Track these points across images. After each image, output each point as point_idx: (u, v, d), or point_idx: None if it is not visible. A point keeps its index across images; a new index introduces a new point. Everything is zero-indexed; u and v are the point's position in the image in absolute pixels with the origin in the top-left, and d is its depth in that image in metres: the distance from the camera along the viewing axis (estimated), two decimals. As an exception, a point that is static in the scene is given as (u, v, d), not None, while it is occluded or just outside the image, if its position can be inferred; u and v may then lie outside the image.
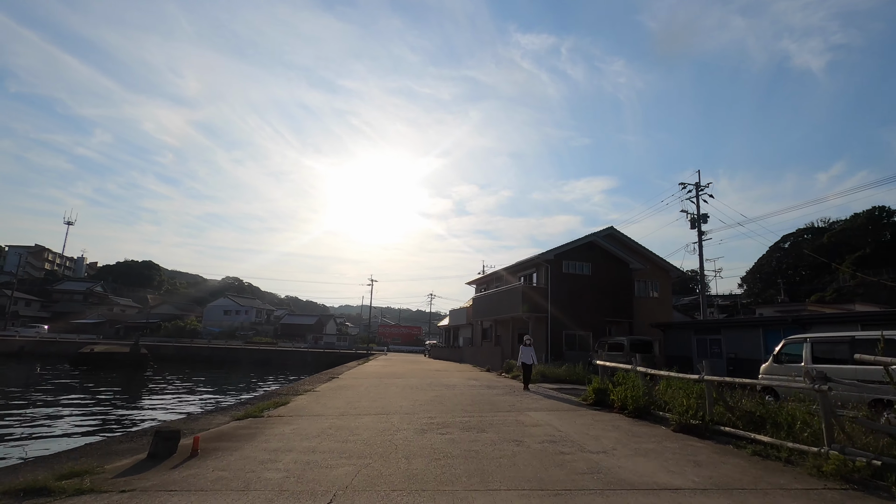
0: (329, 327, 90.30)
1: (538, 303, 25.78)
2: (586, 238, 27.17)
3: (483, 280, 35.40)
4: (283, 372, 47.74)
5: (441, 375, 20.47)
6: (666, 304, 29.33)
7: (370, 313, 70.30)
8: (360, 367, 26.87)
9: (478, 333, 35.81)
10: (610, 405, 9.80)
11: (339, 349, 64.58)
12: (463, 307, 40.27)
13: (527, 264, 28.09)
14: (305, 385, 14.77)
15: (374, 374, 20.37)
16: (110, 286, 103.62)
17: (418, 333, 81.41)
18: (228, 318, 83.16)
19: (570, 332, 26.09)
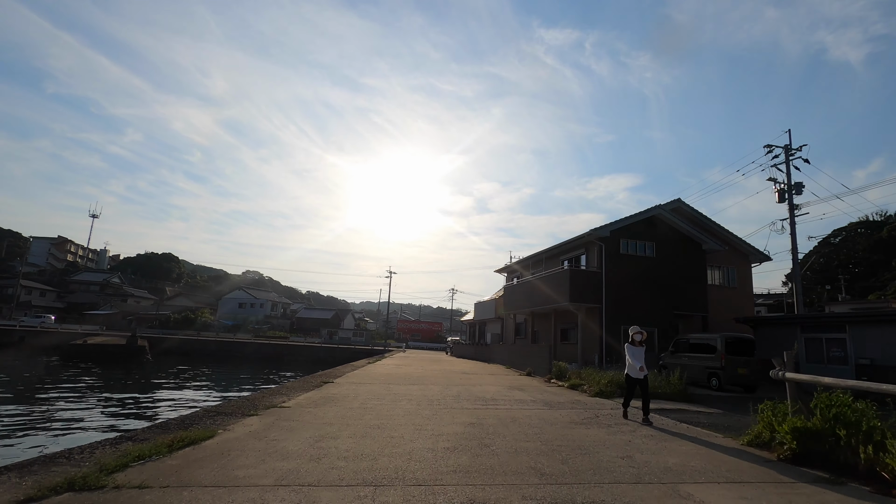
0: (347, 322, 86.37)
1: (589, 291, 20.55)
2: (649, 211, 21.77)
3: (516, 267, 30.24)
4: (292, 368, 43.79)
5: (470, 381, 15.55)
6: (746, 295, 23.67)
7: (388, 307, 65.82)
8: (370, 366, 22.13)
9: (509, 329, 30.67)
10: (837, 463, 4.71)
11: (355, 345, 60.31)
12: (490, 299, 35.20)
13: (574, 244, 22.84)
14: (278, 395, 10.06)
15: (383, 378, 15.57)
16: (128, 278, 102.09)
17: (439, 330, 76.60)
18: (243, 311, 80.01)
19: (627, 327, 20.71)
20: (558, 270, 21.87)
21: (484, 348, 32.26)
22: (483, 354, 31.89)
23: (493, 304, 33.24)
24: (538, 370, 17.96)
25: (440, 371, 19.97)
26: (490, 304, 34.31)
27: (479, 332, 37.57)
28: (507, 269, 32.08)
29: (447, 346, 46.52)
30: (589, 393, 11.90)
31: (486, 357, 31.02)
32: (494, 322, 33.79)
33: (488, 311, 34.41)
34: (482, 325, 37.03)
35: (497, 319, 33.10)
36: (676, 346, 17.26)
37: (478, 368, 22.88)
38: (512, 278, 31.26)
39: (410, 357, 34.15)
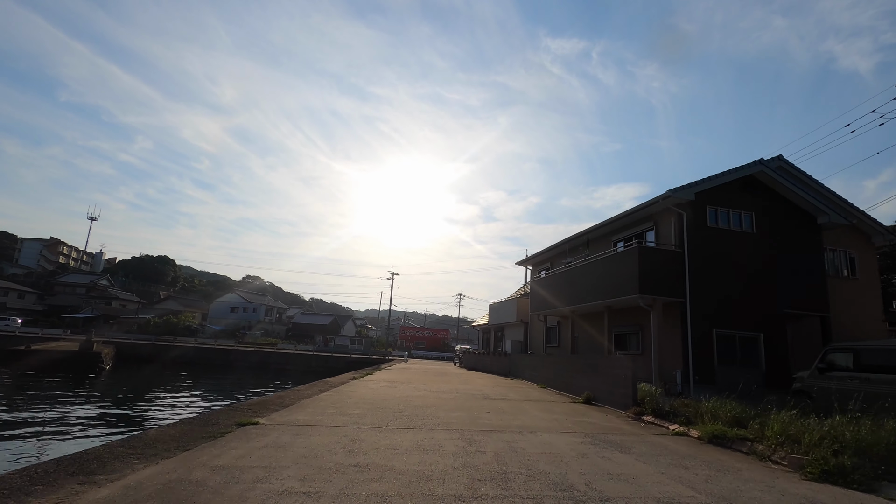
0: (347, 329, 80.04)
1: (667, 278, 14.18)
2: (745, 168, 15.40)
3: (546, 256, 23.81)
4: (280, 378, 37.74)
5: (507, 415, 9.24)
6: (871, 289, 17.07)
7: (389, 311, 59.46)
8: (354, 383, 15.90)
9: (537, 335, 24.18)
10: None
11: (352, 353, 53.92)
12: (510, 299, 28.77)
13: (637, 216, 16.43)
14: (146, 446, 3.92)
15: (358, 409, 9.26)
16: (119, 281, 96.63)
17: (445, 337, 70.00)
18: (235, 316, 73.96)
19: (724, 332, 14.34)
20: (620, 252, 15.39)
21: (502, 359, 25.76)
22: (501, 366, 25.39)
23: (514, 306, 26.82)
24: (603, 395, 11.50)
25: (451, 393, 13.55)
26: (509, 306, 27.87)
27: (494, 339, 31.11)
28: (533, 261, 25.64)
29: (455, 355, 39.94)
30: (790, 466, 5.43)
31: (505, 370, 24.54)
32: (515, 327, 27.32)
33: (507, 314, 27.96)
34: (499, 331, 30.57)
35: (519, 324, 26.65)
36: (829, 363, 10.74)
37: (504, 389, 16.44)
38: (538, 272, 24.83)
39: (412, 369, 27.73)
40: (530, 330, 24.95)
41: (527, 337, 25.92)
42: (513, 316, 26.73)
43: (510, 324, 27.68)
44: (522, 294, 27.37)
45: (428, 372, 25.11)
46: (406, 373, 23.16)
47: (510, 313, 27.23)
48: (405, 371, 24.83)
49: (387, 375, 20.38)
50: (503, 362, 25.57)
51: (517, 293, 29.27)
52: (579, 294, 17.48)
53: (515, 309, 26.46)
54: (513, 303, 27.18)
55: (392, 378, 18.85)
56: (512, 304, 27.28)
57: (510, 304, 27.64)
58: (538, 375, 18.72)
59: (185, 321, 57.66)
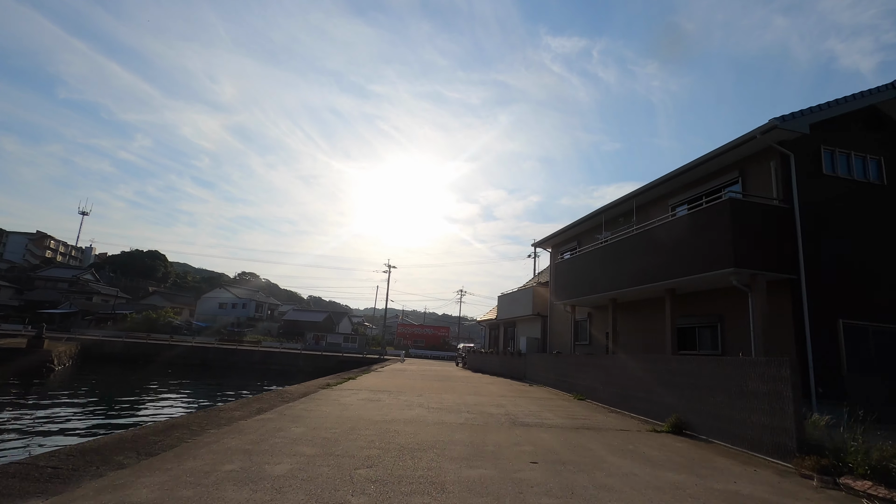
0: (343, 326, 75.65)
1: (771, 246, 9.73)
2: (871, 96, 10.98)
3: (573, 232, 19.30)
4: (263, 379, 33.56)
5: (559, 453, 5.02)
6: None
7: (386, 307, 55.07)
8: (329, 391, 11.69)
9: (561, 330, 19.76)
10: None
11: (345, 352, 49.57)
12: (524, 287, 24.36)
13: (715, 164, 11.91)
14: None
15: (315, 443, 5.05)
16: (105, 276, 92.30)
17: (446, 335, 65.57)
18: (223, 312, 69.59)
19: (855, 325, 9.88)
20: (699, 210, 10.86)
21: (515, 359, 21.40)
22: (514, 368, 21.04)
23: (529, 296, 22.40)
24: (706, 422, 7.08)
25: (459, 413, 9.12)
26: (523, 296, 23.45)
27: (504, 336, 26.69)
28: (554, 240, 21.09)
29: (458, 354, 35.52)
30: None
31: (519, 372, 20.18)
32: (531, 321, 22.93)
33: (520, 306, 23.55)
34: (509, 327, 26.16)
35: (535, 318, 22.25)
36: None
37: (530, 402, 12.09)
38: (559, 254, 20.40)
39: (407, 371, 23.35)
40: (551, 324, 20.54)
41: (546, 333, 21.52)
42: (528, 308, 22.31)
43: (524, 318, 23.27)
44: (537, 282, 23.03)
45: (426, 375, 20.74)
46: (399, 377, 18.77)
47: (524, 305, 22.82)
48: (399, 374, 20.45)
49: (374, 381, 15.99)
50: (516, 363, 21.19)
51: (533, 281, 24.89)
52: (625, 275, 13.07)
53: (531, 299, 22.04)
54: (528, 292, 22.76)
55: (380, 385, 14.47)
56: (526, 293, 22.86)
57: (524, 294, 23.22)
58: (567, 381, 14.33)
59: (166, 317, 53.21)
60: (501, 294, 26.73)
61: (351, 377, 16.90)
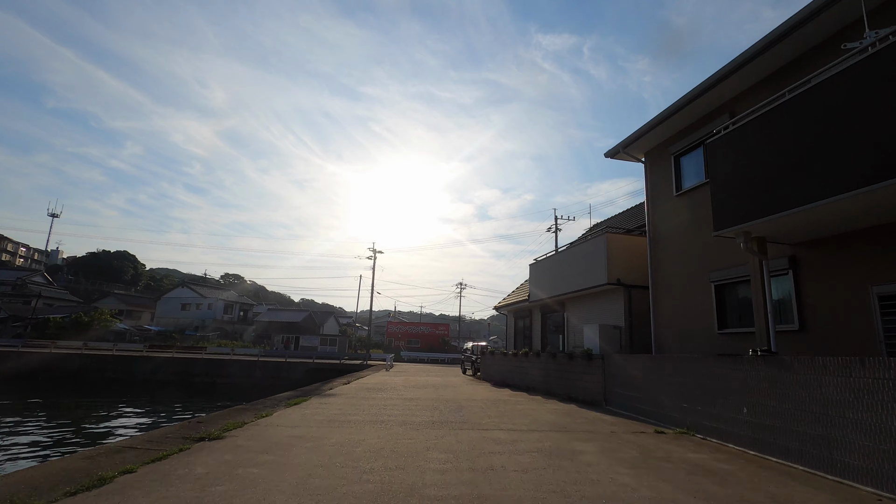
0: (328, 327, 65.37)
1: None
2: None
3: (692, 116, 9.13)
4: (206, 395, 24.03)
5: None
6: None
7: (371, 297, 44.99)
8: None
9: (690, 307, 9.58)
10: None
11: (324, 357, 39.33)
12: (585, 240, 14.14)
13: None
14: None
15: None
16: (63, 279, 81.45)
17: (445, 334, 55.37)
18: (186, 315, 59.16)
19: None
20: None
21: (575, 366, 11.47)
22: (575, 384, 11.15)
23: (601, 250, 12.28)
24: None
25: None
26: (586, 254, 13.32)
27: (544, 327, 16.48)
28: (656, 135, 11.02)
29: (465, 358, 25.35)
30: None
31: (591, 392, 10.26)
32: (602, 298, 12.90)
33: (578, 271, 13.49)
34: (553, 312, 15.99)
35: (611, 290, 12.26)
36: None
37: None
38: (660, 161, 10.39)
39: (385, 390, 13.21)
40: (656, 294, 10.42)
41: (632, 314, 11.53)
42: (597, 272, 12.25)
43: (588, 292, 13.20)
44: (605, 228, 12.92)
45: (418, 402, 10.70)
46: (364, 408, 8.69)
47: (589, 268, 12.74)
48: (368, 398, 10.40)
49: (301, 419, 5.80)
50: (578, 374, 11.26)
51: (598, 230, 14.75)
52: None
53: (604, 256, 11.97)
54: (595, 245, 12.67)
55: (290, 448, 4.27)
56: (594, 248, 12.77)
57: (589, 249, 13.12)
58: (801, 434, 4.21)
59: (102, 320, 42.71)
60: (535, 261, 16.63)
61: (261, 414, 6.81)
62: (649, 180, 11.05)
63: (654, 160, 11.01)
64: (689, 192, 9.66)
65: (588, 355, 11.43)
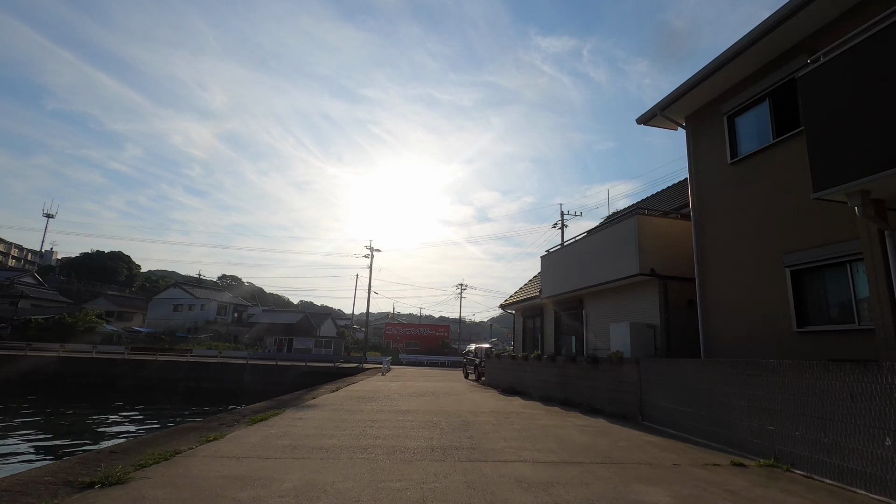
0: (325, 328, 63.43)
1: None
2: None
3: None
4: (195, 402, 22.18)
5: None
6: None
7: (368, 296, 43.02)
8: None
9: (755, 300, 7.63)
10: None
11: (316, 359, 37.43)
12: (613, 222, 12.18)
13: None
14: None
15: None
16: (54, 280, 79.50)
17: (445, 336, 53.43)
18: (179, 316, 57.22)
19: None
20: None
21: (600, 374, 9.62)
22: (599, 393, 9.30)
23: (631, 234, 10.38)
24: None
25: None
26: (613, 240, 11.45)
27: (558, 326, 14.56)
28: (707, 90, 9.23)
29: (467, 360, 23.47)
30: None
31: (618, 402, 8.37)
32: (630, 293, 11.01)
33: (602, 262, 11.60)
34: (570, 309, 14.07)
35: (643, 283, 10.38)
36: None
37: None
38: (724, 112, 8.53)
39: (377, 399, 11.26)
40: (711, 290, 8.51)
41: (668, 310, 9.68)
42: (628, 262, 10.36)
43: (614, 286, 11.32)
44: (635, 209, 10.97)
45: (414, 415, 8.81)
46: (346, 426, 6.76)
47: (616, 257, 10.86)
48: (355, 410, 8.50)
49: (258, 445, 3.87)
50: (611, 383, 9.42)
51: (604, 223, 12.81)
52: None
53: (635, 242, 10.08)
54: (626, 228, 10.78)
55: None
56: (624, 231, 10.88)
57: (616, 233, 11.22)
58: None
59: (88, 321, 40.76)
60: (548, 252, 14.74)
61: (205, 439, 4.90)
62: (693, 148, 9.16)
63: (699, 124, 9.13)
64: (749, 157, 7.78)
65: (618, 359, 9.54)
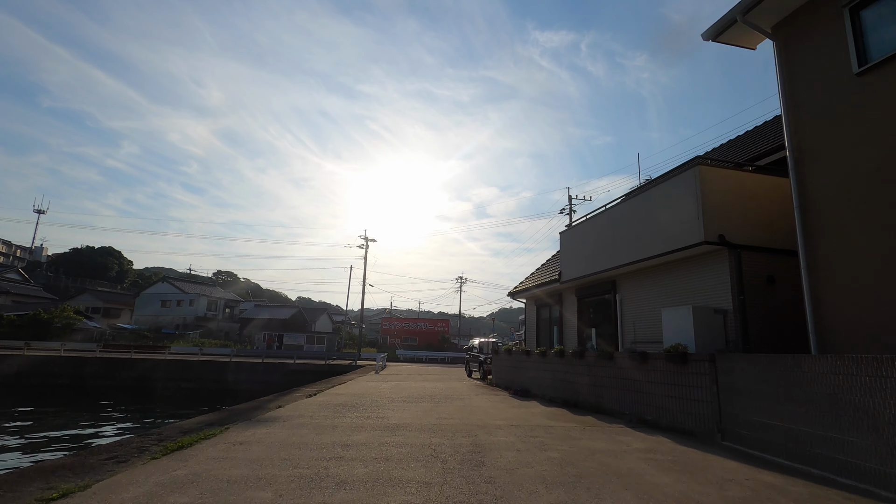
0: (320, 324, 60.85)
1: None
2: None
3: None
4: (170, 406, 19.60)
5: None
6: None
7: (363, 292, 40.49)
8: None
9: None
10: None
11: (307, 356, 34.99)
12: (670, 177, 9.61)
13: None
14: None
15: None
16: (41, 276, 76.87)
17: (445, 331, 50.98)
18: (167, 312, 54.64)
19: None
20: None
21: (645, 373, 7.28)
22: (657, 408, 6.82)
23: (692, 192, 7.87)
24: None
25: None
26: (664, 199, 8.94)
27: (581, 316, 12.06)
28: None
29: (470, 356, 21.02)
30: None
31: (684, 424, 5.83)
32: (688, 269, 8.51)
33: (648, 236, 9.09)
34: (602, 293, 11.59)
35: (708, 254, 7.85)
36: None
37: None
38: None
39: (355, 418, 8.74)
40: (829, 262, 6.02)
41: (742, 288, 7.20)
42: (685, 228, 7.84)
43: (663, 261, 8.81)
44: (696, 159, 8.46)
45: (406, 434, 6.31)
46: (303, 458, 4.26)
47: (668, 224, 8.34)
48: (326, 427, 6.00)
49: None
50: (670, 387, 6.95)
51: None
52: None
53: (698, 202, 7.56)
54: (682, 185, 8.26)
55: None
56: (678, 188, 8.36)
57: (667, 192, 8.72)
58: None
59: (60, 317, 38.14)
60: (569, 227, 12.23)
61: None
62: (789, 65, 6.63)
63: (797, 30, 6.59)
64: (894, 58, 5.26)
65: (679, 356, 7.06)
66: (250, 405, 9.25)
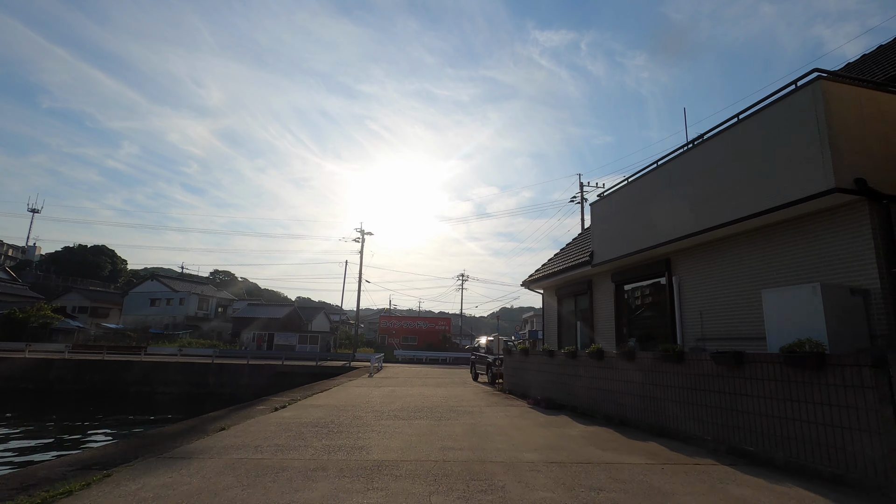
0: (317, 323, 58.43)
1: None
2: None
3: None
4: (145, 410, 17.01)
5: None
6: None
7: (359, 287, 37.91)
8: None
9: None
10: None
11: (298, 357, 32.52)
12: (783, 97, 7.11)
13: None
14: None
15: None
16: (31, 275, 74.45)
17: (446, 330, 48.47)
18: (156, 311, 52.21)
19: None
20: None
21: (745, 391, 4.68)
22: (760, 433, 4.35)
23: (814, 119, 5.39)
24: None
25: None
26: (773, 129, 6.45)
27: (618, 308, 9.60)
28: None
29: (476, 356, 18.50)
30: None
31: (820, 463, 3.31)
32: (793, 234, 5.97)
33: (733, 189, 6.60)
34: (631, 282, 9.11)
35: (840, 212, 5.33)
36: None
37: None
38: None
39: (321, 448, 6.20)
40: None
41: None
42: (804, 172, 5.35)
43: (759, 224, 6.29)
44: (814, 72, 6.19)
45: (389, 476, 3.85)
46: None
47: (774, 168, 5.85)
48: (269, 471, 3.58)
49: None
50: (792, 405, 4.43)
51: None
52: None
53: (821, 134, 5.09)
54: (798, 106, 5.79)
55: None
56: (793, 113, 5.88)
57: (769, 125, 6.25)
58: None
59: (37, 316, 35.68)
60: (602, 196, 9.80)
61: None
62: None
63: None
64: None
65: (813, 358, 4.57)
66: (183, 426, 6.75)
